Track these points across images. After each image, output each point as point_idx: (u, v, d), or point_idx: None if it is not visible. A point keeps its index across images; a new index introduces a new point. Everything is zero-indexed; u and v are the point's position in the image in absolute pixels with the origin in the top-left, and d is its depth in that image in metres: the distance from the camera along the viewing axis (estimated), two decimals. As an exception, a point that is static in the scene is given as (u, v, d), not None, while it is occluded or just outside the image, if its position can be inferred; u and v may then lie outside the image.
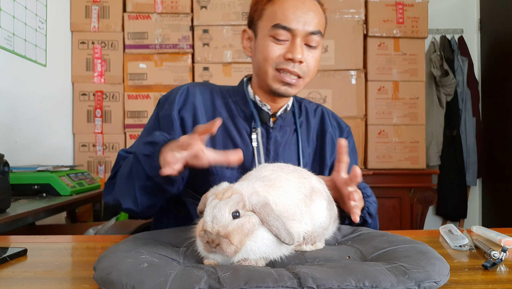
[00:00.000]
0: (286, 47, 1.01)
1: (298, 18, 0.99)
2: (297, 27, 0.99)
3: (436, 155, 3.19)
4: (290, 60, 1.00)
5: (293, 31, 0.99)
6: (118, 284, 0.55)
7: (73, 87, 2.74)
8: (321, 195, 0.75)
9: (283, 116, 1.11)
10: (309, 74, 1.05)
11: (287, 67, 1.01)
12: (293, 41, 1.00)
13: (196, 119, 1.07)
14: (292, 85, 1.04)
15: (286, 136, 1.10)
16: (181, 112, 1.08)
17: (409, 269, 0.58)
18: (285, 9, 1.00)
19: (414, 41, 2.81)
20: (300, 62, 1.01)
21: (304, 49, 1.02)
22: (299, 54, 0.99)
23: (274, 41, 1.01)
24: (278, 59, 1.01)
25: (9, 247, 0.79)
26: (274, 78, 1.03)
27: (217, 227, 0.60)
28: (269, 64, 1.02)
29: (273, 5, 1.02)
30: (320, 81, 2.75)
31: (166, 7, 2.73)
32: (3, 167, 1.29)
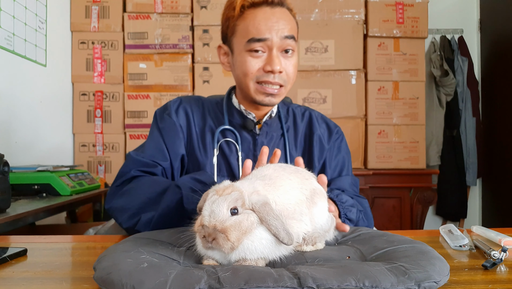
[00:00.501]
0: (264, 59, 1.04)
1: (270, 28, 1.02)
2: (270, 36, 1.02)
3: (436, 155, 3.19)
4: (270, 72, 1.03)
5: (267, 41, 1.02)
6: (118, 284, 0.55)
7: (73, 87, 2.74)
8: (323, 196, 0.75)
9: (268, 123, 1.14)
10: (290, 81, 1.08)
11: (267, 79, 1.04)
12: (270, 53, 1.03)
13: (189, 128, 1.12)
14: (275, 94, 1.06)
15: (272, 142, 1.13)
16: (178, 118, 1.13)
17: (409, 269, 0.58)
18: (257, 22, 1.02)
19: (414, 41, 2.81)
20: (279, 72, 1.04)
21: (281, 58, 1.04)
22: (277, 65, 1.02)
23: (252, 55, 1.04)
24: (258, 72, 1.04)
25: (9, 247, 0.79)
26: (256, 90, 1.06)
27: (214, 221, 0.60)
28: (249, 78, 1.05)
29: (245, 20, 1.04)
30: (320, 81, 2.75)
31: (166, 7, 2.73)
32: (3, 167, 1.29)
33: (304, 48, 2.76)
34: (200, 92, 2.72)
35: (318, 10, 2.76)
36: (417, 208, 2.80)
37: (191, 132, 1.12)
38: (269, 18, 1.02)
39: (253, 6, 1.04)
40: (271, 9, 1.04)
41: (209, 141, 1.11)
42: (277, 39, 1.02)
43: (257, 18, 1.03)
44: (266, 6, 1.03)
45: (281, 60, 1.04)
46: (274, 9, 1.04)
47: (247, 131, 1.12)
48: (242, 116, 1.13)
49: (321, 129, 1.20)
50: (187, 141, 1.12)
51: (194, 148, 1.11)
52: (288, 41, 1.04)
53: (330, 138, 1.20)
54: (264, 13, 1.03)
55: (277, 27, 1.02)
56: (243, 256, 0.62)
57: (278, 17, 1.03)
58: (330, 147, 1.19)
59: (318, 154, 1.16)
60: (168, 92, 2.73)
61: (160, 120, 1.13)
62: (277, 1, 1.04)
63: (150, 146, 1.10)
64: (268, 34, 1.02)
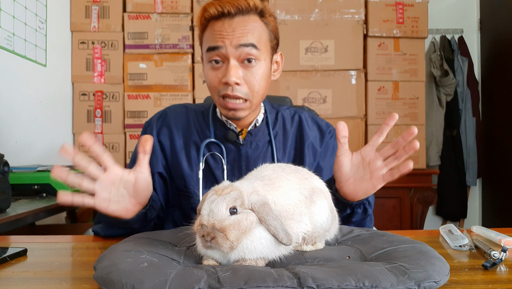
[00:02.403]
0: (222, 70, 1.01)
1: (224, 37, 0.99)
2: (223, 45, 0.98)
3: (436, 155, 3.19)
4: (226, 84, 1.00)
5: (221, 49, 0.99)
6: (118, 284, 0.55)
7: (73, 87, 2.74)
8: (322, 195, 0.75)
9: (253, 132, 1.10)
10: (254, 94, 1.03)
11: (226, 92, 1.00)
12: (227, 64, 1.00)
13: (173, 143, 1.11)
14: (237, 109, 1.02)
15: (258, 150, 1.10)
16: (159, 136, 1.12)
17: (409, 269, 0.58)
18: (213, 31, 1.00)
19: (414, 41, 2.81)
20: (236, 84, 0.99)
21: (239, 69, 1.00)
22: (232, 76, 0.98)
23: (212, 66, 1.02)
24: (219, 85, 1.01)
25: (9, 247, 0.79)
26: (220, 105, 1.04)
27: (212, 220, 0.60)
28: (214, 91, 1.04)
29: (206, 31, 1.03)
30: (320, 81, 2.75)
31: (166, 7, 2.73)
32: (3, 167, 1.29)
33: (304, 48, 2.76)
34: (200, 92, 2.72)
35: (318, 10, 2.77)
36: (417, 208, 2.80)
37: (175, 147, 1.10)
38: (224, 28, 0.99)
39: (213, 18, 1.01)
40: (230, 19, 1.00)
41: (193, 155, 1.09)
42: (231, 48, 0.98)
43: (214, 28, 1.00)
44: (225, 18, 1.00)
45: (238, 72, 0.99)
46: (233, 19, 1.00)
47: (231, 143, 1.09)
48: (225, 127, 1.10)
49: (312, 132, 1.17)
50: (171, 156, 1.10)
51: (179, 162, 1.09)
52: (246, 50, 0.99)
53: (323, 140, 1.17)
54: (221, 24, 1.00)
55: (231, 36, 0.98)
56: (243, 255, 0.62)
57: (234, 26, 0.99)
58: (324, 148, 1.17)
59: (311, 159, 1.13)
60: (168, 92, 2.73)
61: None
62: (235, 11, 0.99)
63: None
64: (220, 43, 0.98)
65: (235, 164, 1.09)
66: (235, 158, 1.09)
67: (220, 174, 1.07)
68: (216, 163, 1.08)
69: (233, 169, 1.08)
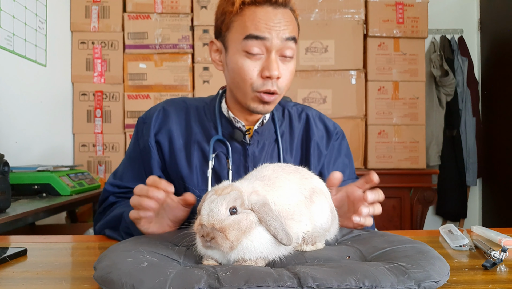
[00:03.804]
0: (261, 63, 0.96)
1: (271, 27, 0.94)
2: (270, 36, 0.94)
3: (436, 155, 3.19)
4: (267, 78, 0.96)
5: (266, 41, 0.94)
6: (118, 283, 0.55)
7: (73, 87, 2.74)
8: (322, 195, 0.75)
9: (259, 131, 1.06)
10: (285, 89, 1.01)
11: (267, 87, 0.96)
12: (268, 56, 0.96)
13: (172, 142, 1.06)
14: (270, 102, 0.99)
15: (265, 150, 1.07)
16: (157, 136, 1.07)
17: (409, 269, 0.58)
18: (257, 20, 0.94)
19: (414, 41, 2.81)
20: (277, 78, 0.96)
21: (279, 63, 0.97)
22: (276, 70, 0.95)
23: (248, 56, 0.96)
24: (257, 80, 0.96)
25: (9, 247, 0.79)
26: (253, 98, 0.99)
27: (212, 220, 0.60)
28: (248, 84, 0.97)
29: (243, 16, 0.96)
30: (320, 81, 2.75)
31: (166, 7, 2.73)
32: (3, 167, 1.29)
33: (304, 48, 2.76)
34: (200, 92, 2.72)
35: (318, 10, 2.77)
36: (417, 208, 2.80)
37: (173, 148, 1.06)
38: (270, 18, 0.94)
39: (255, 3, 0.95)
40: (274, 9, 0.95)
41: (195, 154, 1.05)
42: (277, 41, 0.94)
43: (257, 15, 0.94)
44: (269, 6, 0.95)
45: (279, 65, 0.96)
46: (277, 10, 0.96)
47: (237, 142, 1.05)
48: (231, 125, 1.06)
49: (318, 132, 1.13)
50: (169, 157, 1.06)
51: (177, 163, 1.05)
52: (289, 43, 0.96)
53: (329, 142, 1.14)
54: (265, 12, 0.95)
55: (278, 28, 0.94)
56: (242, 255, 0.62)
57: (280, 18, 0.95)
58: (329, 151, 1.13)
59: (316, 161, 1.10)
60: (168, 92, 2.73)
61: (140, 136, 1.09)
62: (281, 1, 0.96)
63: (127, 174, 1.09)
64: (267, 34, 0.94)
65: (241, 164, 1.05)
66: (241, 158, 1.05)
67: (225, 174, 1.03)
68: (220, 162, 1.04)
69: (238, 170, 1.04)
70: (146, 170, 1.07)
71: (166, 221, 0.86)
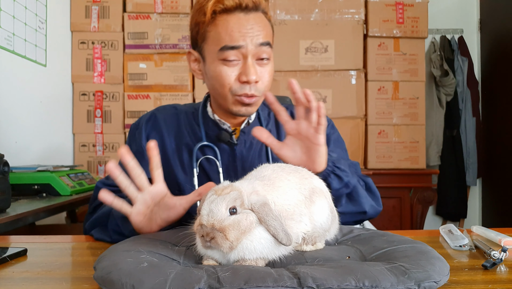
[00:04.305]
0: (239, 68, 0.98)
1: (244, 34, 0.96)
2: (245, 43, 0.96)
3: (436, 155, 3.19)
4: (245, 83, 0.98)
5: (242, 48, 0.96)
6: (118, 283, 0.55)
7: (73, 87, 2.74)
8: (322, 195, 0.75)
9: (246, 131, 1.08)
10: (266, 90, 1.03)
11: (244, 91, 0.99)
12: (245, 61, 0.98)
13: (164, 148, 1.08)
14: (251, 104, 1.01)
15: (253, 149, 1.08)
16: (148, 139, 1.08)
17: (409, 269, 0.58)
18: (230, 29, 0.96)
19: (414, 41, 2.81)
20: (255, 82, 0.98)
21: (256, 67, 0.99)
22: (253, 75, 0.97)
23: (226, 64, 0.98)
24: (235, 84, 0.99)
25: (9, 247, 0.79)
26: (234, 102, 1.01)
27: (212, 220, 0.60)
28: (226, 89, 1.00)
29: (216, 27, 0.98)
30: (320, 81, 2.75)
31: (166, 7, 2.73)
32: (3, 167, 1.29)
33: (304, 48, 2.76)
34: (200, 92, 2.72)
35: (318, 10, 2.76)
36: (417, 208, 2.80)
37: (166, 152, 1.07)
38: (242, 24, 0.96)
39: (226, 11, 0.97)
40: (245, 14, 0.97)
41: (186, 159, 1.06)
42: (252, 47, 0.96)
43: (230, 24, 0.96)
44: (240, 12, 0.97)
45: (256, 69, 0.98)
46: (248, 15, 0.97)
47: (224, 143, 1.07)
48: (218, 127, 1.08)
49: None
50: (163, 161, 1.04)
51: (172, 169, 1.06)
52: (264, 48, 0.98)
53: None
54: (237, 19, 0.96)
55: (251, 34, 0.96)
56: (242, 256, 0.62)
57: (252, 23, 0.97)
58: None
59: None
60: (168, 92, 2.73)
61: (133, 141, 1.11)
62: (252, 6, 0.97)
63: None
64: (242, 41, 0.96)
65: (230, 165, 1.06)
66: (229, 158, 1.07)
67: (216, 177, 1.04)
68: (211, 166, 1.05)
69: (228, 170, 1.06)
70: None
71: (157, 220, 0.86)
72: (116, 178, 0.81)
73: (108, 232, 0.93)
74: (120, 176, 0.81)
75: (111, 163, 0.80)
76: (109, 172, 0.80)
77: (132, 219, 0.84)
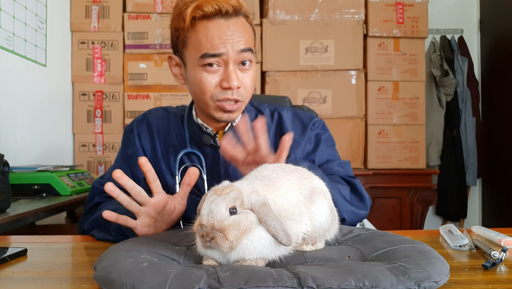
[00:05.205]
0: (220, 74, 0.98)
1: (225, 41, 0.95)
2: (225, 50, 0.95)
3: (436, 155, 3.19)
4: (227, 89, 0.98)
5: (223, 55, 0.96)
6: (118, 283, 0.55)
7: (73, 87, 2.74)
8: (322, 195, 0.75)
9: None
10: (248, 95, 1.03)
11: (226, 96, 0.98)
12: (226, 68, 0.97)
13: (154, 149, 1.10)
14: (234, 111, 1.01)
15: None
16: (140, 140, 1.11)
17: (409, 269, 0.58)
18: (210, 36, 0.95)
19: (414, 41, 2.81)
20: (238, 87, 0.98)
21: (238, 72, 0.98)
22: (235, 81, 0.96)
23: (207, 70, 0.98)
24: (215, 90, 0.99)
25: (9, 247, 0.79)
26: (215, 108, 1.01)
27: (212, 220, 0.60)
28: (207, 96, 0.99)
29: (197, 33, 0.97)
30: (320, 81, 2.75)
31: (166, 7, 2.73)
32: (3, 167, 1.29)
33: (304, 48, 2.75)
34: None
35: (318, 10, 2.76)
36: (417, 208, 2.80)
37: (156, 154, 1.09)
38: (223, 31, 0.95)
39: (205, 18, 0.95)
40: (225, 20, 0.96)
41: (172, 162, 1.08)
42: (233, 53, 0.96)
43: (210, 31, 0.95)
44: (220, 18, 0.96)
45: (238, 75, 0.98)
46: (229, 21, 0.96)
47: (208, 146, 1.07)
48: (201, 131, 1.08)
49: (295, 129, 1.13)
50: (153, 163, 1.07)
51: (162, 173, 1.08)
52: (245, 54, 0.98)
53: (305, 132, 1.13)
54: (218, 25, 0.95)
55: (232, 40, 0.95)
56: (242, 256, 0.62)
57: (233, 29, 0.96)
58: (306, 141, 1.13)
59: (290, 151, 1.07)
60: (168, 92, 2.73)
61: (128, 144, 1.13)
62: (232, 11, 0.96)
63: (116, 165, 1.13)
64: (223, 49, 0.95)
65: (214, 168, 1.07)
66: (213, 161, 1.07)
67: (200, 183, 1.04)
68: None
69: (211, 173, 1.06)
70: (134, 175, 1.10)
71: (162, 225, 0.88)
72: (117, 197, 0.81)
73: (110, 232, 0.94)
74: (121, 195, 0.82)
75: (110, 185, 0.80)
76: (109, 193, 0.81)
77: (138, 232, 0.85)
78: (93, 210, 1.08)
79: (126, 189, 0.82)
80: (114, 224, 0.92)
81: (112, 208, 0.91)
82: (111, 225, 0.93)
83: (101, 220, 0.97)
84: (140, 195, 0.83)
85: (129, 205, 0.83)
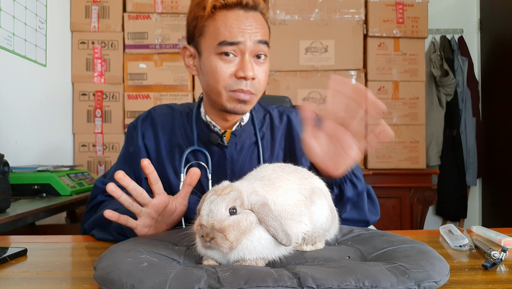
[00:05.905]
0: (236, 64, 0.98)
1: (243, 31, 0.96)
2: (243, 39, 0.96)
3: (436, 155, 3.19)
4: (242, 78, 0.98)
5: (240, 44, 0.97)
6: (118, 283, 0.55)
7: (73, 87, 2.74)
8: (322, 195, 0.75)
9: (237, 133, 1.07)
10: (261, 89, 1.03)
11: (240, 87, 0.98)
12: (242, 58, 0.98)
13: (158, 148, 1.09)
14: (246, 101, 1.01)
15: (244, 151, 1.07)
16: (144, 139, 1.10)
17: (409, 269, 0.58)
18: (229, 24, 0.96)
19: (414, 41, 2.81)
20: (252, 78, 0.98)
21: (253, 64, 0.99)
22: (250, 71, 0.97)
23: (223, 58, 0.98)
24: (230, 79, 0.98)
25: (9, 247, 0.79)
26: (228, 98, 1.00)
27: (211, 220, 0.60)
28: (221, 85, 0.99)
29: (215, 21, 0.98)
30: (320, 81, 2.75)
31: (166, 7, 2.73)
32: (3, 167, 1.29)
33: (304, 48, 2.75)
34: (200, 92, 2.71)
35: (318, 10, 2.76)
36: (417, 208, 2.80)
37: (160, 153, 1.08)
38: (242, 21, 0.97)
39: (226, 7, 0.97)
40: (245, 12, 0.98)
41: (177, 161, 1.07)
42: (250, 43, 0.97)
43: (229, 20, 0.97)
44: (240, 9, 0.98)
45: (253, 66, 0.98)
46: (248, 13, 0.98)
47: (215, 145, 1.06)
48: (209, 129, 1.07)
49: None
50: (156, 162, 1.07)
51: (166, 172, 1.07)
52: (261, 46, 0.99)
53: None
54: (237, 15, 0.97)
55: (250, 31, 0.97)
56: (242, 256, 0.62)
57: (251, 21, 0.98)
58: None
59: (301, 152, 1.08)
60: (168, 92, 2.73)
61: (130, 141, 1.12)
62: (251, 4, 0.98)
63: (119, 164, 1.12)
64: (241, 37, 0.96)
65: (220, 167, 1.06)
66: (219, 160, 1.06)
67: (205, 182, 1.04)
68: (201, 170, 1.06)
69: (217, 173, 1.05)
70: (136, 173, 1.09)
71: (163, 226, 0.88)
72: (119, 198, 0.81)
73: (110, 232, 0.94)
74: (122, 196, 0.82)
75: (111, 185, 0.80)
76: (111, 194, 0.81)
77: (138, 232, 0.85)
78: (95, 208, 1.07)
79: (128, 190, 0.82)
80: (115, 223, 0.92)
81: (113, 208, 0.90)
82: (112, 225, 0.93)
83: (102, 219, 0.97)
84: (141, 196, 0.83)
85: (130, 206, 0.83)
